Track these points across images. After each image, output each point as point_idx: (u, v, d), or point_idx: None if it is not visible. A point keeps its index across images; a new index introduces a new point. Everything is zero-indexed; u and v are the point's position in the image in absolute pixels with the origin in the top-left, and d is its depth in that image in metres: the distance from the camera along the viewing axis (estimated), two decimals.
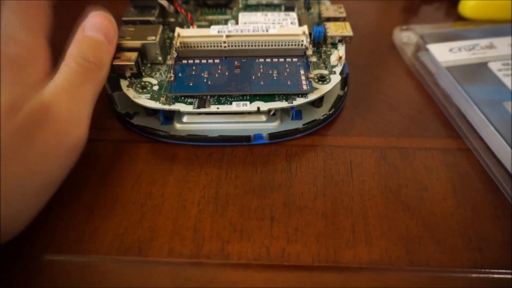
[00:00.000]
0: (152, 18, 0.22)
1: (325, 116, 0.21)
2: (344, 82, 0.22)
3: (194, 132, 0.20)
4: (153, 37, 0.21)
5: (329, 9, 0.24)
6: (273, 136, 0.20)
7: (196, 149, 0.20)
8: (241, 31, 0.22)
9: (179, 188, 0.19)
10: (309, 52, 0.21)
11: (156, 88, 0.20)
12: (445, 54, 0.24)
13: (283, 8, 0.26)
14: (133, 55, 0.20)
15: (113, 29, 0.20)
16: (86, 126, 0.18)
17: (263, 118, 0.21)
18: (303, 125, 0.21)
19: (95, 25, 0.19)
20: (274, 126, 0.21)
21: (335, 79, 0.21)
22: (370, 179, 0.19)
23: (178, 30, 0.22)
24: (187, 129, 0.21)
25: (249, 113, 0.20)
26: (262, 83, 0.19)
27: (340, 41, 0.23)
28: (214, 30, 0.22)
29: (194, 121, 0.21)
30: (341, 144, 0.21)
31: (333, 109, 0.21)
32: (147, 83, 0.20)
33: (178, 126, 0.21)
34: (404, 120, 0.22)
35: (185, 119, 0.21)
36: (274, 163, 0.20)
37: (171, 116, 0.21)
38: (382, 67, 0.26)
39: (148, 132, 0.20)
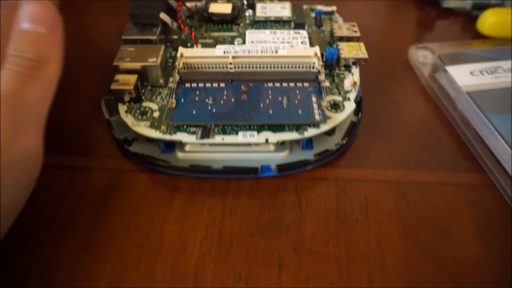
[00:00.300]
0: (153, 37, 0.21)
1: (338, 146, 0.19)
2: (358, 107, 0.21)
3: (197, 162, 0.19)
4: (154, 59, 0.19)
5: (342, 28, 0.23)
6: (281, 168, 0.19)
7: (198, 181, 0.19)
8: (249, 52, 0.20)
9: (180, 226, 0.17)
10: (322, 77, 0.19)
11: (156, 114, 0.19)
12: (465, 77, 0.22)
13: (292, 24, 0.24)
14: (132, 78, 0.19)
15: (52, 14, 0.17)
16: (35, 135, 0.15)
17: (271, 147, 0.19)
18: (314, 155, 0.19)
19: (30, 15, 0.16)
20: (283, 156, 0.19)
21: (350, 106, 0.19)
22: (387, 219, 0.17)
23: (181, 50, 0.20)
24: (190, 159, 0.19)
25: None
26: (271, 111, 0.18)
27: (354, 63, 0.21)
28: (219, 50, 0.20)
29: (197, 150, 0.19)
30: (355, 178, 0.19)
31: (346, 138, 0.20)
32: (147, 109, 0.19)
33: (180, 155, 0.19)
34: (423, 150, 0.20)
35: (187, 147, 0.19)
36: (283, 199, 0.18)
37: (172, 144, 0.19)
38: (397, 89, 0.24)
39: (147, 161, 0.19)
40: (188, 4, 0.26)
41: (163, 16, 0.22)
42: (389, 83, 0.25)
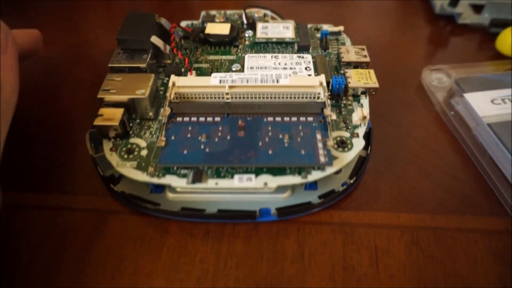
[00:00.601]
0: (143, 65, 0.19)
1: (345, 186, 0.18)
2: (367, 139, 0.19)
3: (189, 204, 0.17)
4: (143, 91, 0.17)
5: (350, 52, 0.21)
6: (282, 212, 0.17)
7: (191, 225, 0.17)
8: (247, 81, 0.18)
9: (168, 280, 0.15)
10: (327, 111, 0.17)
11: (144, 153, 0.17)
12: (485, 106, 0.20)
13: (296, 46, 0.22)
14: (118, 112, 0.17)
15: (2, 32, 0.15)
16: None
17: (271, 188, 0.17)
18: (319, 197, 0.17)
19: None
20: (283, 198, 0.17)
21: (358, 144, 0.17)
22: (400, 272, 0.16)
23: (173, 78, 0.19)
24: (181, 200, 0.17)
25: None
26: (270, 152, 0.16)
27: (363, 93, 0.19)
28: (215, 79, 0.19)
29: (189, 190, 0.17)
30: (364, 222, 0.17)
31: (354, 177, 0.18)
32: (134, 146, 0.17)
33: (170, 196, 0.17)
34: (438, 189, 0.19)
35: (179, 188, 0.17)
36: (283, 247, 0.16)
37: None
38: (409, 116, 0.22)
39: (134, 203, 0.17)
40: (184, 23, 0.24)
41: (155, 39, 0.20)
42: (400, 109, 0.23)
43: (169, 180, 0.16)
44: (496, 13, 0.27)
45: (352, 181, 0.18)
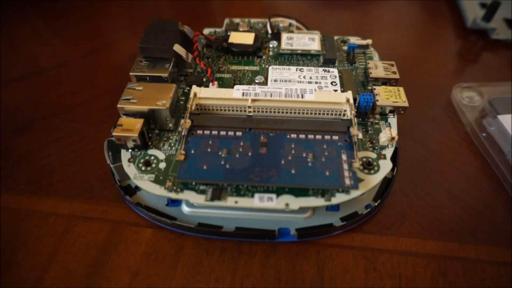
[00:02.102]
0: (164, 75, 0.18)
1: (369, 209, 0.17)
2: (393, 159, 0.18)
3: (206, 220, 0.17)
4: (164, 101, 0.17)
5: (378, 67, 0.20)
6: (302, 233, 0.16)
7: (207, 242, 0.17)
8: (271, 95, 0.18)
9: None
10: (354, 131, 0.16)
11: (163, 165, 0.17)
12: None
13: (321, 59, 0.21)
14: (138, 123, 0.17)
15: None
16: None
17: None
18: (341, 219, 0.17)
19: None
20: (304, 218, 0.17)
21: (385, 167, 0.16)
22: None
23: (194, 89, 0.18)
24: (198, 215, 0.17)
25: None
26: (293, 171, 0.15)
27: (391, 111, 0.18)
28: (238, 91, 0.18)
29: (207, 205, 0.17)
30: (388, 248, 0.16)
31: (379, 200, 0.17)
32: (152, 158, 0.17)
33: (186, 209, 0.17)
34: (468, 216, 0.18)
35: (196, 203, 0.17)
36: (302, 271, 0.16)
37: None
38: (437, 136, 0.21)
39: (150, 216, 0.17)
40: (206, 31, 0.24)
41: (177, 48, 0.19)
42: (427, 128, 0.22)
43: (187, 196, 0.15)
44: None
45: (376, 204, 0.17)
